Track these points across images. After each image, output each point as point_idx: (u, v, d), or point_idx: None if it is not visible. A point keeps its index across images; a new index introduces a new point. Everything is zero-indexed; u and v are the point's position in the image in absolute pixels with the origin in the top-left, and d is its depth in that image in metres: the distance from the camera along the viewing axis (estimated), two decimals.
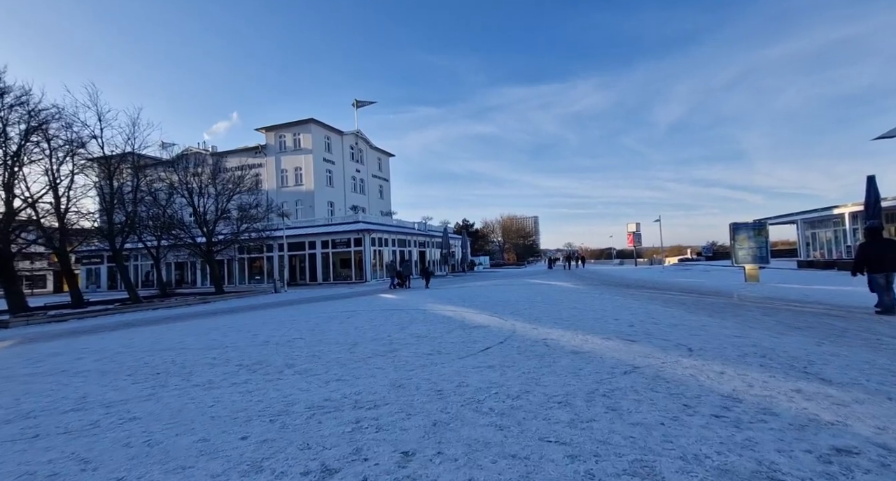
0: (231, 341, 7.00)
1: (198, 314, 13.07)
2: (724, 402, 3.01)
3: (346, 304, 13.06)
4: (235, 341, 6.98)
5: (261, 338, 7.10)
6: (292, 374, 4.49)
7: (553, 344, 5.44)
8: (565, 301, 10.79)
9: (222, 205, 21.31)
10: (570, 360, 4.50)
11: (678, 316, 7.42)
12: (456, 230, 52.95)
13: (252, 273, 30.18)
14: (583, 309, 8.98)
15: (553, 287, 16.10)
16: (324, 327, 8.11)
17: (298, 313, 11.15)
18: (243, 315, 11.82)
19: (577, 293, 13.07)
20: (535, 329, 6.70)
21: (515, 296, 12.64)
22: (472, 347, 5.50)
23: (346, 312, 10.59)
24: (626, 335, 5.78)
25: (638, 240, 45.09)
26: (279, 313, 11.58)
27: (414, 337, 6.55)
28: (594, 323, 7.01)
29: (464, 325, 7.47)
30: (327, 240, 27.90)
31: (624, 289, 14.10)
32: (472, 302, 11.69)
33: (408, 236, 32.58)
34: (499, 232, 79.86)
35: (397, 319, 8.72)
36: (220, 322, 10.25)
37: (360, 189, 40.27)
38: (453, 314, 9.15)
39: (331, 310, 11.37)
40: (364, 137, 40.53)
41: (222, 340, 7.13)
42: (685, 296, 10.76)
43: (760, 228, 14.04)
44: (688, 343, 5.08)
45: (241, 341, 6.93)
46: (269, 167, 35.20)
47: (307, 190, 33.95)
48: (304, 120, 33.51)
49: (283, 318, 10.02)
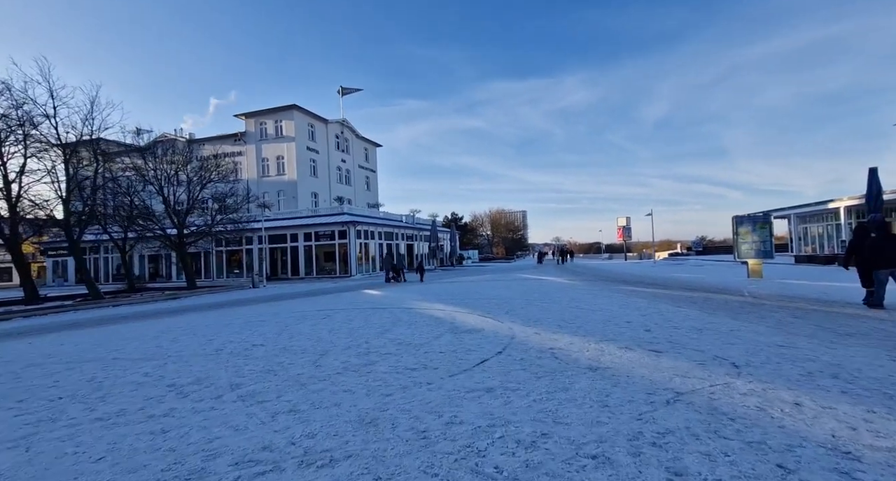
0: (178, 349, 5.90)
1: (160, 312, 11.85)
2: (834, 459, 2.09)
3: (326, 301, 11.99)
4: (183, 348, 5.88)
5: (215, 345, 6.02)
6: (233, 401, 3.46)
7: (563, 355, 4.50)
8: (564, 299, 9.91)
9: (195, 194, 19.85)
10: (590, 381, 3.56)
11: (697, 317, 6.57)
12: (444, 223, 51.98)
13: (231, 266, 28.74)
14: (586, 308, 8.09)
15: (547, 282, 15.26)
16: (293, 330, 7.06)
17: (270, 312, 10.05)
18: (209, 314, 10.67)
19: (574, 290, 12.22)
20: (538, 334, 5.77)
21: (509, 293, 11.73)
22: (466, 359, 4.54)
23: (324, 311, 9.54)
24: (648, 343, 4.88)
25: (628, 234, 44.84)
26: (249, 311, 10.46)
27: (396, 344, 5.56)
28: (604, 326, 6.11)
29: (454, 329, 6.50)
30: (310, 233, 26.61)
31: (622, 285, 13.31)
32: (463, 299, 10.74)
33: (395, 229, 31.46)
34: (488, 226, 79.20)
35: (379, 320, 7.71)
36: (178, 322, 9.10)
37: (346, 180, 38.85)
38: (442, 314, 8.18)
39: (307, 309, 10.30)
40: (350, 126, 39.02)
41: (168, 348, 6.03)
42: (692, 294, 9.98)
43: (764, 221, 13.38)
44: (726, 355, 4.20)
45: (190, 348, 5.84)
46: (250, 155, 33.53)
47: (289, 180, 32.45)
48: (285, 106, 31.88)
49: (251, 318, 8.92)
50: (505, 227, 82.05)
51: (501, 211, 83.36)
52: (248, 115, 32.88)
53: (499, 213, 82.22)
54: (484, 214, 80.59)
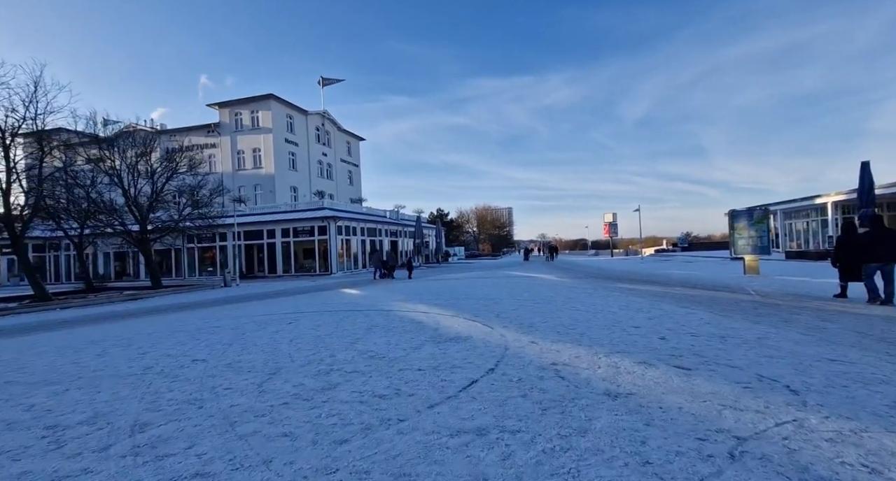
0: (98, 366, 4.83)
1: (107, 316, 10.60)
2: None
3: (298, 303, 10.93)
4: (105, 366, 4.82)
5: (146, 361, 4.96)
6: (120, 457, 2.47)
7: (570, 374, 3.63)
8: (558, 298, 9.10)
9: (159, 187, 18.35)
10: (613, 415, 2.69)
11: (712, 321, 5.80)
12: (430, 220, 51.04)
13: (204, 264, 27.20)
14: (584, 310, 7.28)
15: (537, 280, 14.48)
16: (249, 339, 6.03)
17: (232, 315, 8.96)
18: (164, 317, 9.51)
19: (567, 288, 11.44)
20: (535, 343, 4.90)
21: (498, 292, 10.87)
22: (450, 380, 3.63)
23: (292, 314, 8.51)
24: (668, 356, 4.06)
25: (614, 230, 44.64)
26: (209, 315, 9.34)
27: (367, 357, 4.62)
28: (610, 333, 5.28)
29: (437, 336, 5.59)
30: (288, 229, 25.29)
31: (616, 282, 12.61)
32: (449, 299, 9.83)
33: (378, 225, 30.33)
34: (474, 222, 78.52)
35: (352, 326, 6.74)
36: (119, 329, 7.94)
37: (328, 174, 37.42)
38: (425, 318, 7.26)
39: (275, 311, 9.24)
40: (331, 118, 37.56)
41: (87, 364, 4.95)
42: (694, 293, 9.30)
43: (762, 216, 12.84)
44: (773, 374, 3.39)
45: (113, 366, 4.78)
46: (224, 147, 31.83)
47: (267, 173, 30.92)
48: (262, 96, 30.29)
49: (207, 324, 7.83)
50: (491, 224, 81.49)
51: (488, 207, 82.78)
52: (222, 105, 31.13)
53: (485, 210, 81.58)
54: (470, 211, 79.86)
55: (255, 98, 30.44)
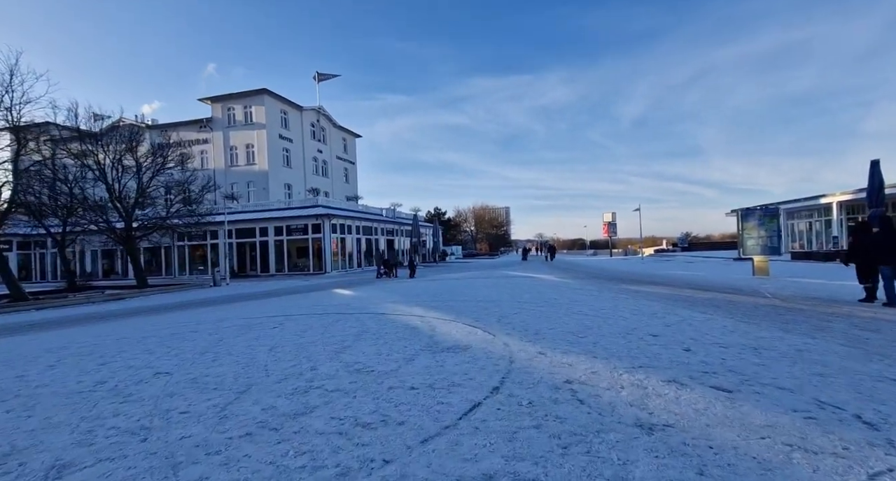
0: (45, 380, 4.24)
1: (81, 319, 9.97)
2: None
3: (287, 304, 10.34)
4: (52, 380, 4.22)
5: (102, 374, 4.37)
6: None
7: (590, 396, 3.07)
8: (562, 301, 8.55)
9: (145, 183, 17.64)
10: (654, 461, 2.13)
11: (735, 328, 5.27)
12: (427, 219, 50.47)
13: (195, 263, 26.49)
14: (592, 315, 6.72)
15: (538, 281, 13.93)
16: (224, 347, 5.44)
17: (213, 318, 8.35)
18: (139, 321, 8.90)
19: (570, 290, 10.90)
20: (543, 354, 4.34)
21: (498, 294, 10.31)
22: (448, 403, 3.07)
23: (277, 318, 7.91)
24: (701, 373, 3.51)
25: (613, 230, 44.22)
26: (188, 317, 8.74)
27: (352, 371, 4.04)
28: (626, 342, 4.73)
29: (433, 345, 5.02)
30: (281, 227, 24.63)
31: (621, 283, 12.09)
32: (446, 301, 9.26)
33: (374, 223, 29.71)
34: (472, 221, 77.98)
35: (340, 331, 6.16)
36: (87, 333, 7.33)
37: (323, 171, 36.73)
38: (420, 322, 6.69)
39: (259, 314, 8.65)
40: (327, 114, 36.85)
41: (32, 379, 4.35)
42: (707, 295, 8.78)
43: (772, 215, 12.34)
44: (834, 399, 2.84)
45: (59, 382, 4.18)
46: (217, 143, 31.08)
47: (260, 170, 30.20)
48: (255, 90, 29.57)
49: (183, 328, 7.23)
50: (489, 223, 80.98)
51: (485, 207, 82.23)
52: (215, 100, 30.35)
53: (483, 209, 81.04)
54: (468, 210, 79.30)
55: (248, 93, 29.71)
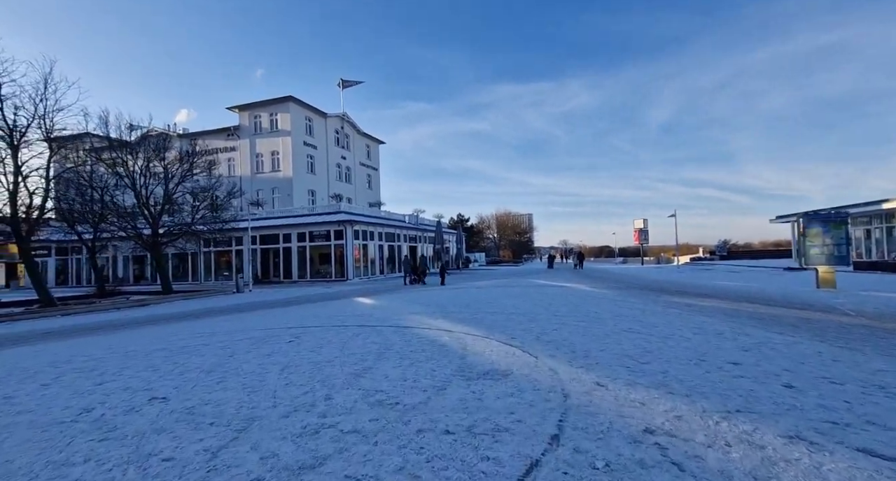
0: (25, 407, 3.77)
1: (100, 327, 9.77)
2: None
3: (306, 313, 9.85)
4: (35, 406, 3.75)
5: (91, 399, 3.87)
6: None
7: (687, 457, 2.28)
8: (605, 315, 7.66)
9: (172, 190, 17.81)
10: None
11: (837, 356, 4.32)
12: (450, 225, 49.91)
13: (220, 268, 26.74)
14: (646, 333, 5.85)
15: (571, 291, 13.00)
16: (234, 364, 4.90)
17: (228, 329, 7.91)
18: (155, 330, 8.58)
19: (611, 302, 9.97)
20: (603, 387, 3.56)
21: (531, 305, 9.50)
22: (495, 461, 2.35)
23: (295, 330, 7.38)
24: (828, 423, 2.66)
25: (644, 237, 42.39)
26: (206, 327, 8.33)
27: (372, 404, 3.38)
28: (703, 372, 3.88)
29: (466, 368, 4.31)
30: (304, 233, 24.53)
31: (665, 295, 11.04)
32: (475, 313, 8.53)
33: (397, 230, 29.31)
34: (494, 228, 76.97)
35: (361, 348, 5.54)
36: (93, 346, 6.98)
37: (346, 177, 36.80)
38: (449, 338, 5.99)
39: (277, 324, 8.16)
40: (351, 121, 37.01)
41: (15, 403, 3.90)
42: (774, 311, 7.71)
43: (840, 221, 11.04)
44: None
45: (44, 407, 3.70)
46: (243, 151, 31.58)
47: (285, 176, 30.43)
48: (281, 97, 29.92)
49: (195, 340, 6.78)
50: (512, 230, 79.72)
51: (508, 213, 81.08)
52: (242, 108, 30.92)
53: (506, 215, 79.92)
54: (490, 216, 78.39)
55: (274, 100, 30.09)
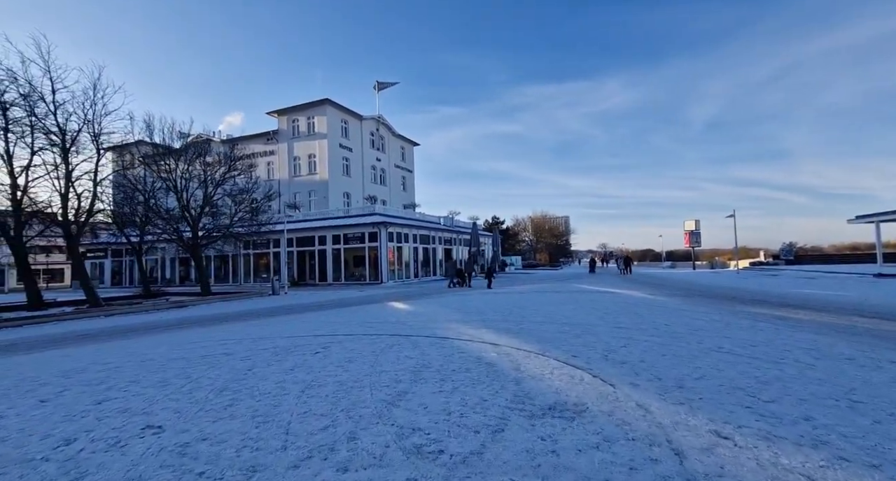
0: (5, 434, 3.22)
1: (133, 329, 9.62)
2: None
3: (338, 319, 9.24)
4: (17, 432, 3.20)
5: (79, 425, 3.29)
6: None
7: None
8: (679, 329, 6.46)
9: (211, 192, 18.07)
10: None
11: None
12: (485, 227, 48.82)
13: (259, 270, 27.16)
14: (747, 355, 4.68)
15: (626, 298, 11.70)
16: (250, 381, 4.24)
17: (254, 336, 7.39)
18: (181, 334, 8.22)
19: (676, 312, 8.67)
20: (729, 441, 2.54)
21: (584, 314, 8.39)
22: None
23: (324, 338, 6.73)
24: None
25: (696, 240, 39.49)
26: (232, 334, 7.88)
27: (408, 451, 2.55)
28: (868, 421, 2.76)
29: (525, 399, 3.40)
30: (339, 235, 24.38)
31: (738, 304, 9.57)
32: (521, 322, 7.56)
33: (432, 231, 28.68)
34: (530, 230, 74.91)
35: (393, 364, 4.75)
36: (115, 352, 6.62)
37: (381, 179, 36.70)
38: (495, 354, 5.09)
39: (306, 330, 7.57)
40: (386, 123, 36.94)
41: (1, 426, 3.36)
42: None
43: None
44: None
45: (25, 434, 3.14)
46: (282, 154, 32.15)
47: (321, 179, 30.63)
48: (318, 101, 30.18)
49: (219, 348, 6.26)
50: (549, 232, 77.28)
51: (545, 215, 78.70)
52: (281, 112, 31.52)
53: (542, 218, 77.59)
54: (526, 219, 76.38)
55: (311, 104, 30.42)
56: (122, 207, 17.29)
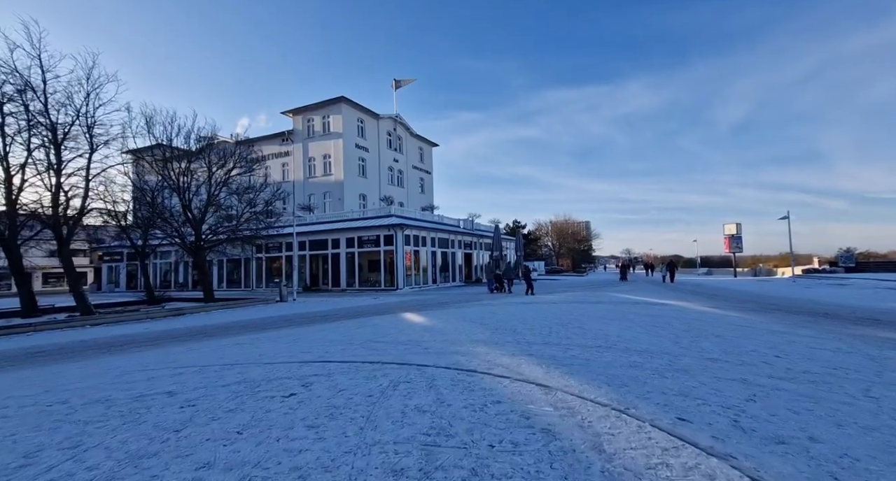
0: None
1: (113, 343, 8.25)
2: None
3: (339, 336, 7.63)
4: None
5: None
6: None
7: None
8: (804, 364, 4.52)
9: (214, 190, 16.93)
10: None
11: None
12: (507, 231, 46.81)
13: (271, 275, 26.07)
14: None
15: (685, 312, 9.68)
16: (160, 460, 2.60)
17: (230, 359, 5.84)
18: (148, 355, 6.77)
19: (773, 336, 6.67)
20: None
21: (649, 336, 6.49)
22: None
23: (311, 367, 5.11)
24: None
25: (737, 244, 36.45)
26: (205, 354, 6.37)
27: None
28: None
29: None
30: (353, 238, 23.01)
31: (846, 324, 7.47)
32: (571, 347, 5.74)
33: (451, 235, 27.01)
34: (553, 235, 72.27)
35: (394, 429, 3.05)
36: (69, 376, 5.16)
37: (398, 181, 35.34)
38: (550, 408, 3.33)
39: (293, 355, 5.98)
40: (403, 122, 35.66)
41: None
42: None
43: None
44: None
45: None
46: (297, 155, 31.20)
47: (336, 180, 29.45)
48: (333, 99, 29.10)
49: (167, 381, 4.71)
50: (572, 237, 74.38)
51: (568, 219, 75.85)
52: (296, 112, 30.61)
53: (565, 222, 74.78)
54: (548, 223, 73.76)
55: (326, 102, 29.38)
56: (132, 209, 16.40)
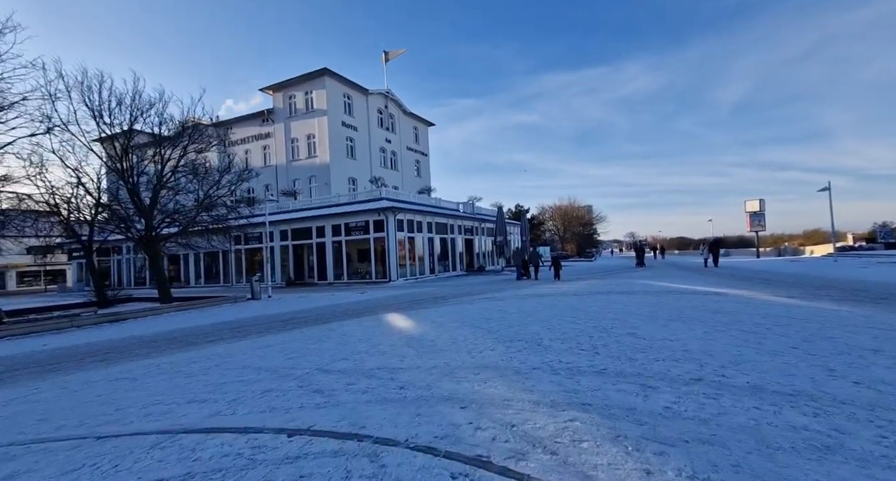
0: None
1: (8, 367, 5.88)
2: None
3: (278, 362, 5.28)
4: None
5: None
6: None
7: None
8: None
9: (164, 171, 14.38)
10: None
11: None
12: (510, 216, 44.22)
13: (253, 268, 23.71)
14: None
15: (758, 305, 7.25)
16: None
17: (56, 423, 3.44)
18: (41, 386, 4.40)
19: None
20: None
21: (755, 352, 4.05)
22: None
23: (225, 437, 2.68)
24: None
25: (759, 222, 33.87)
26: (100, 394, 3.99)
27: None
28: None
29: None
30: (338, 225, 20.55)
31: None
32: (643, 376, 3.32)
33: (450, 220, 24.51)
34: (558, 219, 69.65)
35: None
36: None
37: (392, 163, 32.66)
38: None
39: (219, 395, 3.60)
40: (395, 99, 32.78)
41: None
42: None
43: None
44: None
45: None
46: (278, 136, 28.47)
47: (322, 163, 26.80)
48: (316, 71, 26.20)
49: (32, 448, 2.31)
50: (577, 221, 71.74)
51: (572, 203, 73.08)
52: (276, 88, 27.72)
53: (569, 206, 72.05)
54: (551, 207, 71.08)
55: (308, 76, 26.49)
56: (75, 196, 13.94)
